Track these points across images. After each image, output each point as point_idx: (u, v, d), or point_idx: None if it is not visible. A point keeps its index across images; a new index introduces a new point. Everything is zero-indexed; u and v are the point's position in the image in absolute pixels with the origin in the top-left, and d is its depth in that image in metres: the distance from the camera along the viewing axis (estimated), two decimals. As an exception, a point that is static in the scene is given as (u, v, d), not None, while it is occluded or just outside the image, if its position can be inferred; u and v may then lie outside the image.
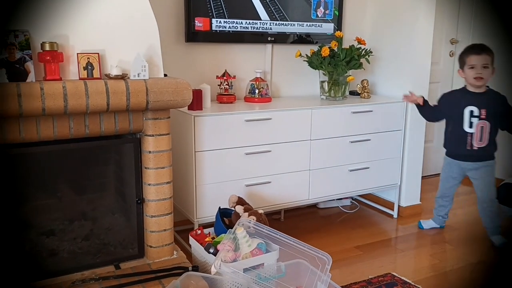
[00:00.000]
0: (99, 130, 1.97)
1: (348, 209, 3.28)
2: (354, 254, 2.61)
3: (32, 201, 2.15)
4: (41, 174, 2.14)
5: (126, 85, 1.89)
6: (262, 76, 2.88)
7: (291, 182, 2.70)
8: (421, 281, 2.30)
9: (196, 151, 2.39)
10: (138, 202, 2.14)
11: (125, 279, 1.97)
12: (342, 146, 2.82)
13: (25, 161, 2.03)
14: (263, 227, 2.15)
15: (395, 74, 3.13)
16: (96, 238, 2.24)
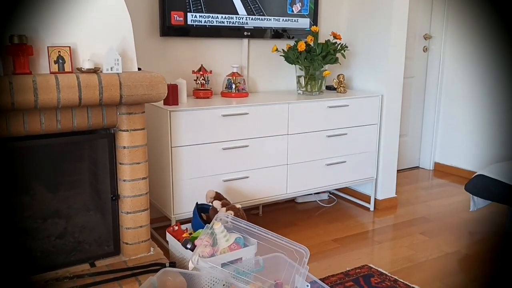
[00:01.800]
0: (72, 125, 1.92)
1: (325, 203, 3.30)
2: (332, 247, 2.63)
3: (2, 199, 2.08)
4: (12, 171, 2.08)
5: (99, 79, 1.85)
6: (239, 71, 2.87)
7: (269, 176, 2.70)
8: (397, 272, 2.34)
9: (172, 146, 2.36)
10: (113, 198, 2.11)
11: (100, 276, 1.94)
12: (319, 141, 2.84)
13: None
14: (241, 222, 2.14)
15: (371, 69, 3.16)
16: (70, 236, 2.19)
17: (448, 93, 4.05)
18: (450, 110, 4.05)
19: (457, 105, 4.00)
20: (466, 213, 3.13)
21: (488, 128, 3.79)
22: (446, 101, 4.08)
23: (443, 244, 2.67)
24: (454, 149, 4.06)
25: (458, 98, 3.98)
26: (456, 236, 2.78)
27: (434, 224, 2.96)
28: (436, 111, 4.13)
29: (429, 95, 4.16)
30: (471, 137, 3.92)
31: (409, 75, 3.99)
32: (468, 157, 3.95)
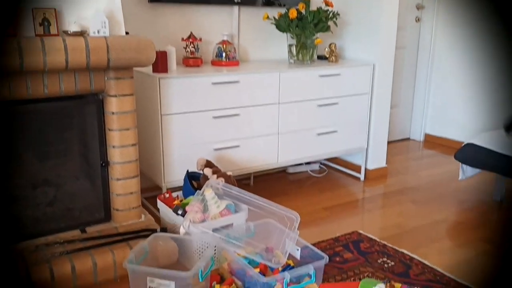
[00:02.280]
0: (59, 90, 1.89)
1: (316, 174, 3.32)
2: (322, 215, 2.65)
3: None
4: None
5: (86, 41, 1.81)
6: (229, 39, 2.82)
7: (260, 146, 2.69)
8: (386, 238, 2.37)
9: (162, 114, 2.34)
10: (102, 165, 2.09)
11: (90, 242, 1.94)
12: (310, 110, 2.83)
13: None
14: (232, 188, 2.14)
15: (362, 38, 3.13)
16: (60, 203, 2.19)
17: (439, 64, 4.04)
18: (441, 81, 4.05)
19: (448, 76, 4.00)
20: (455, 182, 3.17)
21: (478, 99, 3.80)
22: (437, 72, 4.07)
23: (432, 212, 2.70)
24: (444, 120, 4.08)
25: (449, 69, 3.98)
26: (445, 204, 2.81)
27: (424, 193, 2.99)
28: (428, 82, 4.13)
29: (421, 66, 4.14)
30: (462, 108, 3.93)
31: (401, 45, 3.97)
32: (458, 128, 3.97)
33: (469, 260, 2.16)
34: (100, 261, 1.86)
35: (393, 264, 2.10)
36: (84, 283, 1.85)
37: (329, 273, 2.02)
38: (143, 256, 1.83)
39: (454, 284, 1.95)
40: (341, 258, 2.15)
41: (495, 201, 2.87)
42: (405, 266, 2.09)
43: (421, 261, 2.12)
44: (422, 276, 2.00)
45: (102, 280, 1.88)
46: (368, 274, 2.01)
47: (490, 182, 3.09)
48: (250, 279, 1.82)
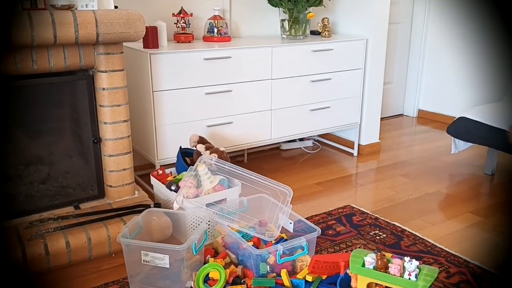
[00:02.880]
0: (48, 66, 1.87)
1: (310, 150, 3.33)
2: (316, 190, 2.67)
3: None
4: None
5: (74, 16, 1.78)
6: (221, 14, 2.79)
7: (253, 122, 2.69)
8: (378, 211, 2.40)
9: (154, 90, 2.32)
10: (94, 141, 2.09)
11: (84, 217, 1.95)
12: (303, 85, 2.82)
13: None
14: (225, 164, 2.15)
15: (355, 13, 3.10)
16: (54, 181, 2.18)
17: (433, 40, 4.02)
18: (434, 57, 4.04)
19: (442, 52, 3.98)
20: (447, 156, 3.19)
21: (471, 74, 3.80)
22: (431, 48, 4.05)
23: (423, 185, 2.73)
24: (438, 96, 4.08)
25: (443, 45, 3.96)
26: (437, 178, 2.84)
27: (416, 167, 3.01)
28: (421, 58, 4.11)
29: (414, 42, 4.12)
30: (455, 84, 3.93)
31: (395, 20, 3.94)
32: (451, 103, 3.98)
33: (459, 232, 2.19)
34: (94, 236, 1.87)
35: (385, 236, 2.13)
36: (79, 258, 1.86)
37: (322, 246, 2.05)
38: (137, 231, 1.85)
39: (444, 254, 1.98)
40: (334, 231, 2.18)
41: (486, 174, 2.90)
42: (397, 237, 2.12)
43: (412, 233, 2.15)
44: (413, 247, 2.04)
45: (96, 255, 1.90)
46: (360, 246, 2.04)
47: (482, 156, 3.11)
48: (244, 252, 1.85)
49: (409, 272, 1.49)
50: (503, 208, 2.44)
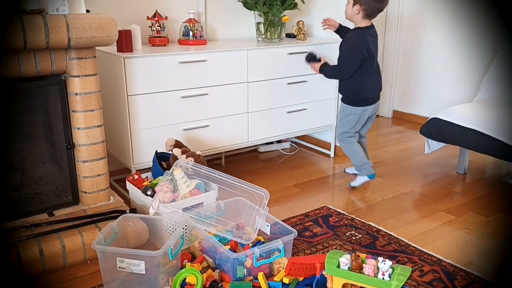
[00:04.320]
0: (18, 71, 1.83)
1: (287, 152, 3.35)
2: (293, 191, 2.69)
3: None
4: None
5: (44, 20, 1.75)
6: (196, 17, 2.78)
7: (230, 125, 2.70)
8: (354, 211, 2.43)
9: (128, 95, 2.30)
10: (68, 147, 2.06)
11: (58, 225, 1.92)
12: (280, 88, 2.84)
13: None
14: (202, 168, 2.15)
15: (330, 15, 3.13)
16: (26, 188, 2.15)
17: (406, 42, 4.10)
18: (408, 60, 4.12)
19: (415, 55, 4.06)
20: (421, 156, 3.26)
21: (444, 76, 3.89)
22: (404, 50, 4.13)
23: (398, 185, 2.78)
24: (412, 97, 4.16)
25: (416, 47, 4.04)
26: (411, 177, 2.90)
27: (391, 168, 3.07)
28: (395, 60, 4.19)
29: (388, 44, 4.19)
30: (428, 85, 4.02)
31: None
32: (424, 104, 4.06)
33: (433, 230, 2.24)
34: (68, 243, 1.84)
35: (361, 236, 2.16)
36: (53, 266, 1.83)
37: (299, 247, 2.07)
38: (112, 237, 1.83)
39: (418, 253, 2.02)
40: (311, 232, 2.20)
41: (459, 173, 2.97)
42: (372, 237, 2.15)
43: (387, 233, 2.19)
44: (388, 247, 2.07)
45: (71, 262, 1.87)
46: (336, 247, 2.07)
47: (454, 156, 3.18)
48: (221, 256, 1.85)
49: (382, 272, 1.52)
50: (474, 206, 2.51)
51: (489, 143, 2.57)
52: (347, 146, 2.74)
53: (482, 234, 2.21)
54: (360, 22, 2.56)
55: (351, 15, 2.55)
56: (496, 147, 2.54)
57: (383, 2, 2.52)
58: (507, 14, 3.39)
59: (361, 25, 2.56)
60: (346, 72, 2.58)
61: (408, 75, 4.15)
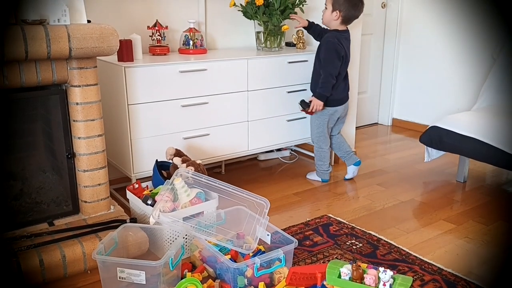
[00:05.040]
0: (20, 81, 1.84)
1: (287, 160, 3.35)
2: (293, 200, 2.69)
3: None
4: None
5: (46, 31, 1.76)
6: (196, 26, 2.80)
7: (230, 133, 2.70)
8: (355, 220, 2.43)
9: (129, 104, 2.31)
10: (68, 156, 2.06)
11: (59, 234, 1.92)
12: (279, 97, 2.85)
13: None
14: (202, 177, 2.15)
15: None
16: (27, 197, 2.14)
17: (405, 50, 4.12)
18: (407, 67, 4.14)
19: (414, 62, 4.08)
20: (420, 164, 3.26)
21: (443, 84, 3.90)
22: (403, 58, 4.15)
23: (398, 194, 2.78)
24: (411, 105, 4.18)
25: (415, 55, 4.06)
26: (411, 186, 2.90)
27: (391, 176, 3.07)
28: (394, 68, 4.20)
29: (387, 52, 4.21)
30: (427, 93, 4.03)
31: (368, 32, 4.02)
32: (424, 112, 4.07)
33: (433, 239, 2.24)
34: (69, 253, 1.84)
35: (361, 245, 2.16)
36: (53, 276, 1.82)
37: (299, 257, 2.06)
38: (112, 247, 1.83)
39: (419, 262, 2.02)
40: (311, 241, 2.20)
41: (458, 182, 2.97)
42: (373, 247, 2.15)
43: (388, 242, 2.19)
44: (389, 256, 2.07)
45: (72, 272, 1.86)
46: (337, 256, 2.06)
47: (453, 164, 3.19)
48: (221, 265, 1.84)
49: (383, 282, 1.52)
50: (474, 215, 2.51)
51: (488, 152, 2.57)
52: (319, 150, 2.87)
53: (482, 242, 2.21)
54: (337, 27, 2.68)
55: (330, 20, 2.67)
56: (496, 155, 2.54)
57: (359, 10, 2.67)
58: (505, 22, 3.41)
59: (339, 29, 2.68)
60: (334, 76, 2.68)
61: (407, 83, 4.16)
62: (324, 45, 2.68)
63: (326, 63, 2.66)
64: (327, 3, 2.64)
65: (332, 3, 2.61)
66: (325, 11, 2.66)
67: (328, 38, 2.67)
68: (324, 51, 2.67)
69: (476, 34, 3.62)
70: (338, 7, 2.60)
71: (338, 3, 2.60)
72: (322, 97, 2.69)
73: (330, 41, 2.65)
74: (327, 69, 2.65)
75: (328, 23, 2.69)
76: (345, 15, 2.62)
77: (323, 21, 2.70)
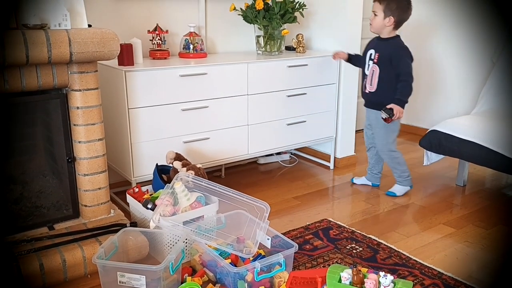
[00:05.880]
0: (20, 85, 1.84)
1: (287, 163, 3.36)
2: (293, 204, 2.69)
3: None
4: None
5: (46, 35, 1.77)
6: (196, 30, 2.81)
7: (230, 137, 2.70)
8: (355, 224, 2.43)
9: (129, 108, 2.31)
10: (68, 160, 2.06)
11: (59, 238, 1.92)
12: (279, 100, 2.85)
13: None
14: (202, 181, 2.15)
15: (329, 29, 3.17)
16: (27, 201, 2.15)
17: (405, 53, 4.13)
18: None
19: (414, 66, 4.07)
20: (420, 168, 3.27)
21: (443, 87, 3.91)
22: (403, 62, 4.15)
23: (398, 197, 2.78)
24: (411, 108, 4.17)
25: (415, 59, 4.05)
26: (411, 189, 2.90)
27: (390, 179, 3.06)
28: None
29: (387, 56, 4.22)
30: (427, 97, 4.04)
31: (367, 35, 4.01)
32: (424, 116, 4.08)
33: (433, 243, 2.24)
34: (69, 257, 1.84)
35: (361, 249, 2.16)
36: (54, 281, 1.82)
37: (299, 261, 2.06)
38: (113, 251, 1.83)
39: (419, 266, 2.02)
40: (311, 245, 2.20)
41: (458, 185, 2.98)
42: (373, 251, 2.15)
43: (388, 246, 2.19)
44: (389, 260, 2.07)
45: (72, 276, 1.86)
46: (337, 261, 2.06)
47: (453, 167, 3.19)
48: (222, 270, 1.84)
49: (384, 286, 1.52)
50: (474, 219, 2.51)
51: (488, 155, 2.58)
52: (396, 157, 2.77)
53: (482, 247, 2.21)
54: (388, 34, 2.61)
55: (382, 26, 2.58)
56: (495, 159, 2.55)
57: (409, 13, 2.59)
58: (504, 26, 3.42)
59: (391, 35, 2.61)
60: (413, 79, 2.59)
61: (406, 87, 4.16)
62: (399, 53, 2.57)
63: (405, 66, 2.56)
64: (377, 10, 2.55)
65: (383, 9, 2.52)
66: (374, 18, 2.57)
67: (399, 43, 2.60)
68: (403, 58, 2.56)
69: (475, 38, 3.63)
70: (391, 13, 2.52)
71: (391, 9, 2.51)
72: (403, 103, 2.56)
73: (403, 46, 2.59)
74: (407, 71, 2.56)
75: (379, 30, 2.60)
76: (398, 20, 2.54)
77: (373, 28, 2.62)
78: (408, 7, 2.57)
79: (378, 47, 2.64)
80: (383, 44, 2.63)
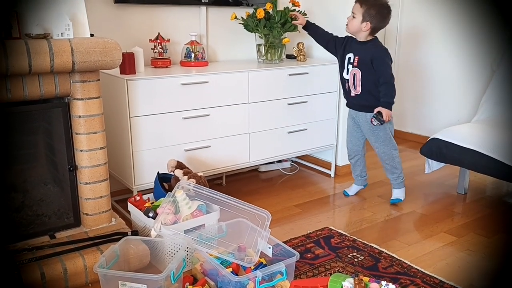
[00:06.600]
0: (23, 94, 1.85)
1: (288, 171, 3.36)
2: (294, 212, 2.69)
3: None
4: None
5: (49, 44, 1.78)
6: (198, 39, 2.82)
7: (231, 145, 2.71)
8: (356, 232, 2.43)
9: (131, 116, 2.32)
10: (70, 169, 2.06)
11: (60, 247, 1.91)
12: (280, 109, 2.86)
13: None
14: (203, 189, 2.15)
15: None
16: (28, 209, 2.15)
17: (405, 61, 4.15)
18: (407, 79, 4.16)
19: (414, 74, 4.10)
20: (421, 176, 3.27)
21: (443, 95, 3.92)
22: (402, 72, 4.17)
23: (399, 205, 2.78)
24: (411, 116, 4.19)
25: (415, 66, 4.08)
26: (412, 197, 2.90)
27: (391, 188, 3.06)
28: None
29: (387, 64, 4.23)
30: (428, 104, 4.05)
31: (368, 44, 4.04)
32: (424, 123, 4.09)
33: (434, 252, 2.24)
34: (70, 266, 1.84)
35: (363, 258, 2.16)
36: (54, 290, 1.82)
37: (301, 270, 2.06)
38: (114, 260, 1.82)
39: (420, 275, 2.01)
40: (313, 254, 2.19)
41: (459, 193, 2.97)
42: (374, 259, 2.15)
43: (389, 254, 2.18)
44: (390, 269, 2.06)
45: (73, 285, 1.86)
46: (338, 269, 2.06)
47: (454, 175, 3.19)
48: (223, 279, 1.84)
49: (386, 296, 1.52)
50: (475, 227, 2.51)
51: (488, 163, 2.58)
52: (394, 157, 2.80)
53: (484, 255, 2.21)
54: (365, 38, 2.61)
55: (358, 30, 2.58)
56: (496, 167, 2.55)
57: (387, 22, 2.60)
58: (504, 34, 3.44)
59: (368, 39, 2.61)
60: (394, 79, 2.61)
61: (406, 94, 4.18)
62: (379, 52, 2.57)
63: (385, 68, 2.56)
64: (356, 13, 2.54)
65: (362, 13, 2.51)
66: (352, 20, 2.56)
67: (378, 46, 2.60)
68: (382, 61, 2.56)
69: (476, 46, 3.65)
70: (369, 19, 2.51)
71: (370, 15, 2.50)
72: (390, 105, 2.59)
73: (383, 48, 2.60)
74: (388, 72, 2.56)
75: (355, 32, 2.60)
76: (375, 26, 2.54)
77: (349, 30, 2.61)
78: (387, 15, 2.56)
79: (357, 50, 2.63)
80: (362, 47, 2.62)
